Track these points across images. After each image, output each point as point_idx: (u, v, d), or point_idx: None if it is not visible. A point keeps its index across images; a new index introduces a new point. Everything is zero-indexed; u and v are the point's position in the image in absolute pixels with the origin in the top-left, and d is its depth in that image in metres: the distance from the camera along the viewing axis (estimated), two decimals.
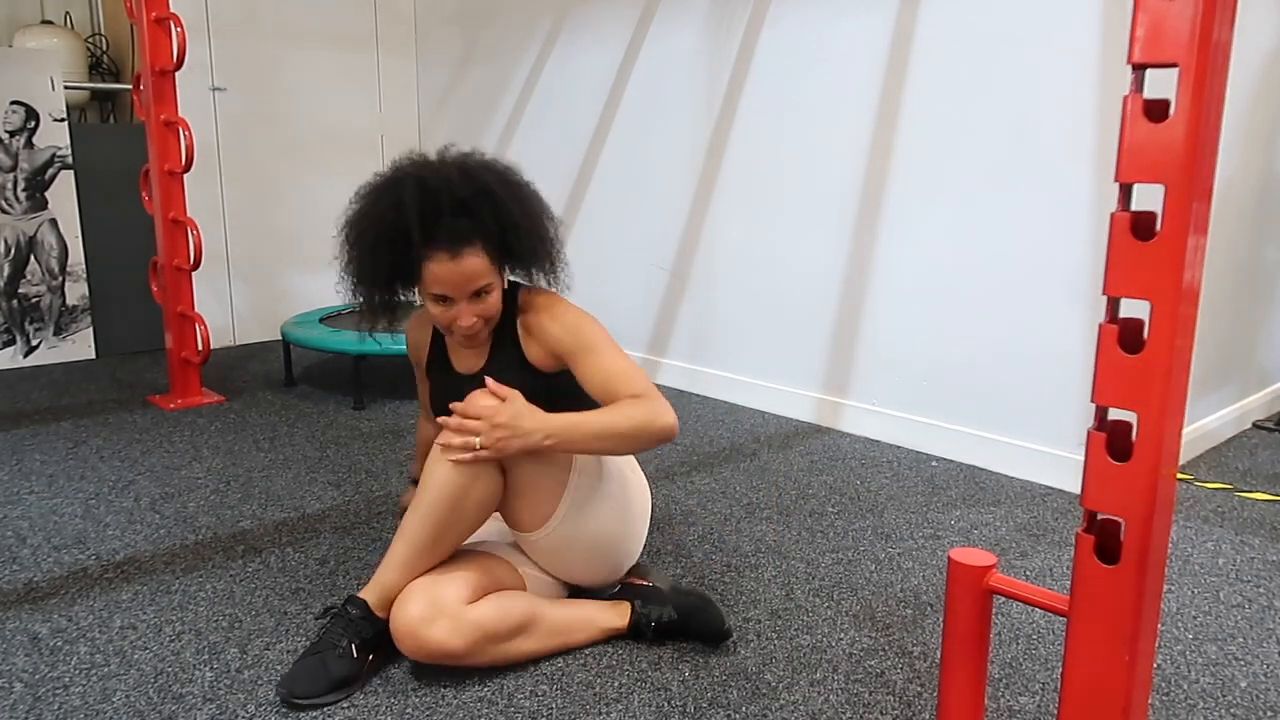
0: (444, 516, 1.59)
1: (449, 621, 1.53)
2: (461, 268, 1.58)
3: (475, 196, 1.60)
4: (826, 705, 1.54)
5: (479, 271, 1.60)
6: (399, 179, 1.62)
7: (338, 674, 1.54)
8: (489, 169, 1.67)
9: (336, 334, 3.39)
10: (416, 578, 1.59)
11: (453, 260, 1.58)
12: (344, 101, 4.53)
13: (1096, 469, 1.06)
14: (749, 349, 3.35)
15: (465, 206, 1.59)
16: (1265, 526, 2.31)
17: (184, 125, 3.15)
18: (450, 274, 1.59)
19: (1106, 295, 1.04)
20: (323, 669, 1.54)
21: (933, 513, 2.38)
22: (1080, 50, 2.38)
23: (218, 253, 4.18)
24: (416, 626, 1.52)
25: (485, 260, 1.61)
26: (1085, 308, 2.46)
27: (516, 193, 1.67)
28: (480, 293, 1.63)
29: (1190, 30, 0.95)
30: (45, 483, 2.54)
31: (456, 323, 1.64)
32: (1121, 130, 1.00)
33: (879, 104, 2.84)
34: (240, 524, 2.28)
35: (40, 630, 1.77)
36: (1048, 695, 1.58)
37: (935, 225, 2.75)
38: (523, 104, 4.13)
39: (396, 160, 1.68)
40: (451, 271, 1.58)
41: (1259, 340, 3.13)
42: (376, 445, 2.88)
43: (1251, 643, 1.76)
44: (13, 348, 3.83)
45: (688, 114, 3.41)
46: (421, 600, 1.54)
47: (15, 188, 3.76)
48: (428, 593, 1.55)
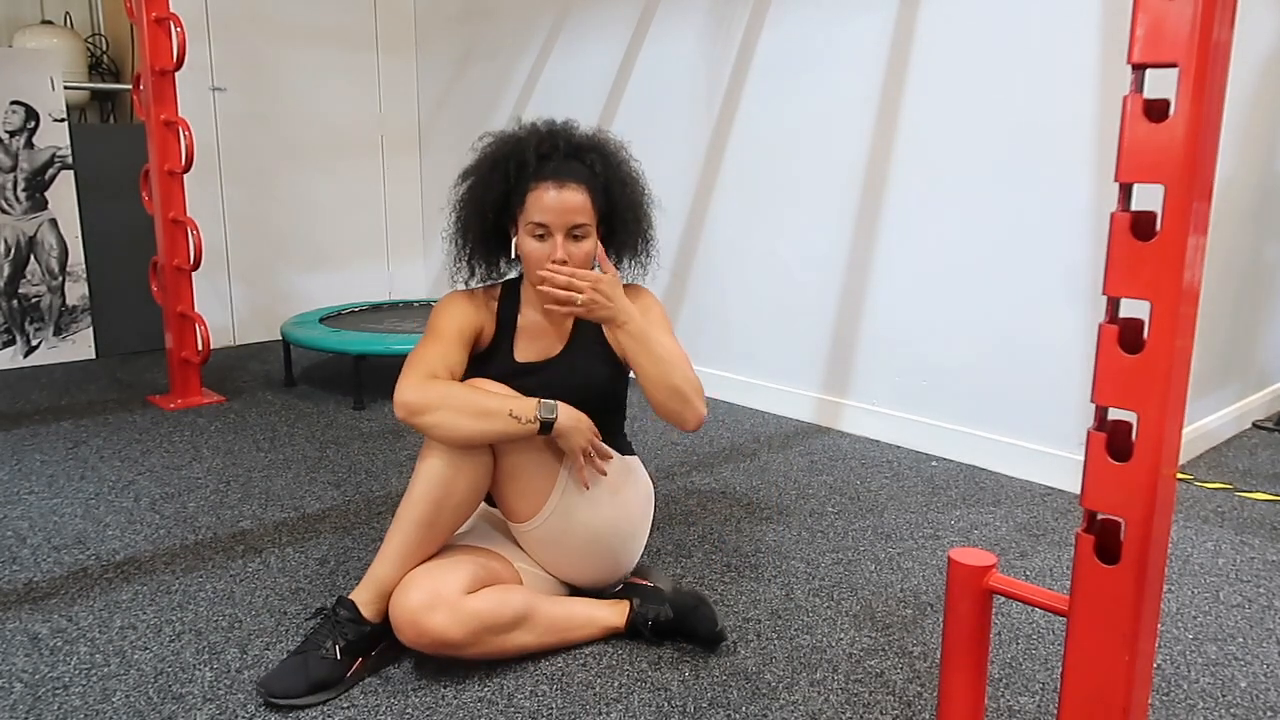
0: (437, 502, 1.60)
1: (448, 609, 1.53)
2: (564, 197, 1.66)
3: (588, 148, 1.74)
4: (826, 705, 1.54)
5: (579, 207, 1.67)
6: (522, 127, 1.77)
7: (317, 676, 1.54)
8: (607, 138, 1.80)
9: (336, 334, 3.39)
10: (412, 569, 1.60)
11: (558, 189, 1.66)
12: (344, 102, 4.53)
13: (1096, 469, 1.06)
14: (749, 349, 3.35)
15: (578, 152, 1.72)
16: (1265, 526, 2.31)
17: (184, 125, 3.15)
18: (554, 201, 1.66)
19: (1106, 295, 1.04)
20: (303, 670, 1.54)
21: (933, 513, 2.38)
22: (1080, 50, 2.38)
23: (218, 253, 4.18)
24: (417, 614, 1.52)
25: (588, 201, 1.69)
26: (1085, 307, 2.46)
27: (627, 164, 1.80)
28: (576, 233, 1.68)
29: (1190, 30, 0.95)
30: (45, 483, 2.54)
31: (550, 257, 1.66)
32: (1121, 130, 1.00)
33: (879, 104, 2.84)
34: (240, 524, 2.28)
35: (40, 630, 1.77)
36: (1048, 695, 1.58)
37: (935, 225, 2.75)
38: (523, 104, 4.13)
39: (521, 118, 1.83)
40: (555, 199, 1.66)
41: (1259, 340, 3.13)
42: (376, 445, 2.88)
43: (1251, 643, 1.76)
44: (13, 348, 3.84)
45: (688, 114, 3.41)
46: (422, 589, 1.54)
47: (15, 188, 3.76)
48: (428, 581, 1.56)
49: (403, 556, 1.60)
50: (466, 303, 1.80)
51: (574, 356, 1.80)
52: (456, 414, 1.57)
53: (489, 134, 1.80)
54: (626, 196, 1.77)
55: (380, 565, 1.61)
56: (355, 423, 3.12)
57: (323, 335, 3.39)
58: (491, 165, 1.74)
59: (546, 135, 1.72)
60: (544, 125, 1.76)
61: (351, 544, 2.16)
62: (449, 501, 1.61)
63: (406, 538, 1.60)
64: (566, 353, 1.80)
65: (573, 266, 1.67)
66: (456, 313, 1.77)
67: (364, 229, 4.71)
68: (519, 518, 1.72)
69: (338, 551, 2.12)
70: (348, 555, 2.10)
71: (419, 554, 1.61)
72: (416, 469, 1.63)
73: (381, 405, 3.32)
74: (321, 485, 2.54)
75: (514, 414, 1.59)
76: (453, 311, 1.77)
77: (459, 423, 1.57)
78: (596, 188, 1.71)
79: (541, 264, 1.67)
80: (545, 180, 1.67)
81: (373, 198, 4.72)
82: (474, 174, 1.78)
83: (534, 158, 1.69)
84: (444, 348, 1.70)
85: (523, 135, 1.74)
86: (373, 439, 2.94)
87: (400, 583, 1.58)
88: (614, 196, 1.75)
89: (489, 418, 1.58)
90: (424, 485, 1.60)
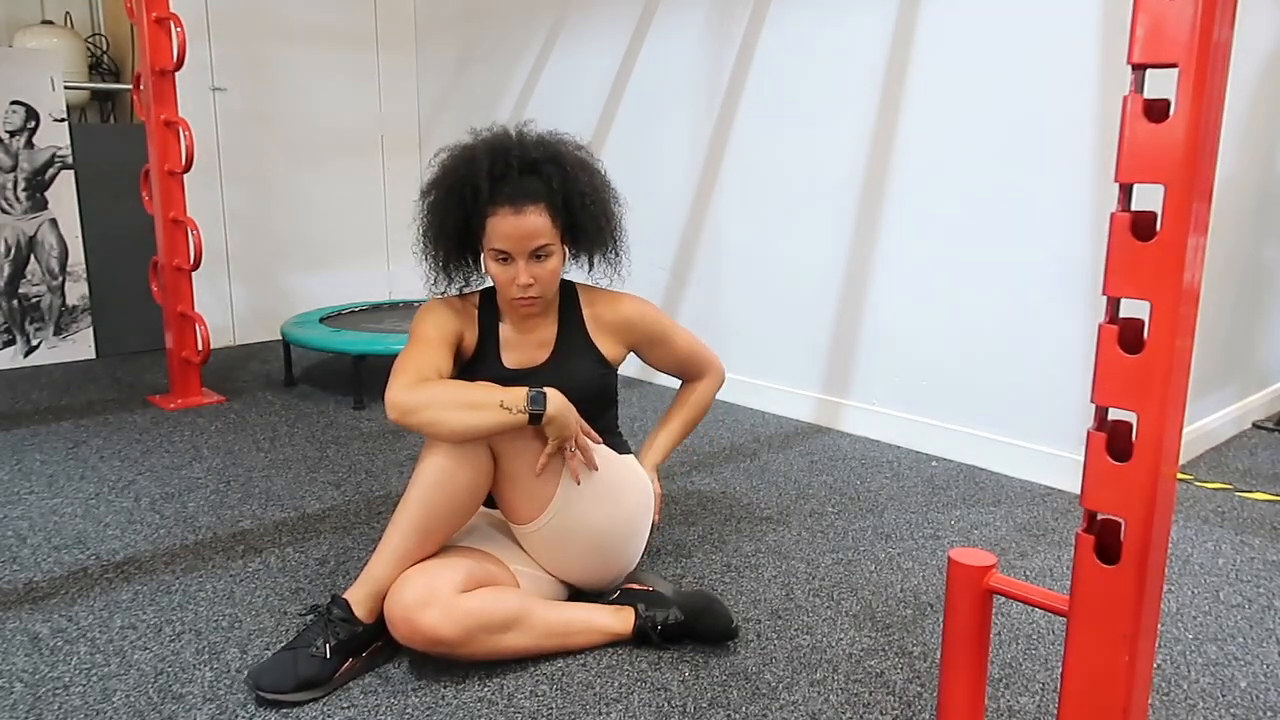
0: (434, 503, 1.60)
1: (442, 608, 1.53)
2: (523, 223, 1.64)
3: (544, 161, 1.69)
4: (826, 705, 1.54)
5: (539, 229, 1.66)
6: (475, 142, 1.73)
7: (305, 673, 1.54)
8: (563, 142, 1.75)
9: (336, 334, 3.39)
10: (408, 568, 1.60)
11: (516, 215, 1.64)
12: (344, 101, 4.53)
13: (1096, 469, 1.06)
14: (749, 349, 3.35)
15: (534, 168, 1.68)
16: (1265, 526, 2.31)
17: (184, 125, 3.15)
18: (512, 228, 1.64)
19: (1106, 295, 1.04)
20: (292, 666, 1.54)
21: (933, 513, 2.38)
22: (1080, 50, 2.38)
23: (218, 253, 4.18)
24: (410, 611, 1.52)
25: (548, 221, 1.67)
26: (1085, 308, 2.46)
27: (585, 167, 1.75)
28: (540, 254, 1.68)
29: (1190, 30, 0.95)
30: (45, 483, 2.54)
31: (515, 282, 1.68)
32: (1121, 130, 1.00)
33: (879, 104, 2.84)
34: (240, 524, 2.28)
35: (40, 630, 1.77)
36: (1048, 695, 1.58)
37: (935, 225, 2.75)
38: (523, 104, 4.13)
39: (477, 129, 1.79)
40: (514, 226, 1.64)
41: (1259, 340, 3.13)
42: (376, 445, 2.88)
43: (1251, 643, 1.76)
44: (13, 348, 3.84)
45: (688, 114, 3.41)
46: (416, 586, 1.54)
47: (15, 188, 3.76)
48: (422, 579, 1.56)
49: (399, 557, 1.60)
50: (447, 309, 1.81)
51: (561, 360, 1.81)
52: (447, 409, 1.57)
53: (444, 149, 1.77)
54: (587, 206, 1.73)
55: (376, 565, 1.61)
56: (355, 423, 3.12)
57: (323, 335, 3.39)
58: (447, 191, 1.72)
59: (500, 152, 1.68)
60: (498, 139, 1.72)
61: (351, 544, 2.16)
62: (448, 503, 1.61)
63: (404, 539, 1.60)
64: (554, 358, 1.81)
65: (540, 287, 1.70)
66: (439, 319, 1.78)
67: (364, 229, 4.71)
68: (522, 519, 1.72)
69: (338, 551, 2.12)
70: (348, 555, 2.10)
71: (416, 555, 1.61)
72: (416, 470, 1.63)
73: (381, 405, 3.32)
74: (321, 485, 2.54)
75: (504, 404, 1.58)
76: (434, 318, 1.78)
77: (451, 417, 1.56)
78: (556, 203, 1.69)
79: (508, 287, 1.70)
80: (502, 205, 1.65)
81: (373, 198, 4.72)
82: (432, 194, 1.76)
83: (487, 183, 1.66)
84: (430, 352, 1.71)
85: (476, 154, 1.69)
86: (373, 439, 2.94)
87: (395, 580, 1.58)
88: (574, 207, 1.72)
89: (480, 409, 1.58)
90: (422, 487, 1.60)
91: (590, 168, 1.76)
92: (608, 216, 1.78)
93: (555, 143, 1.74)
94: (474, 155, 1.69)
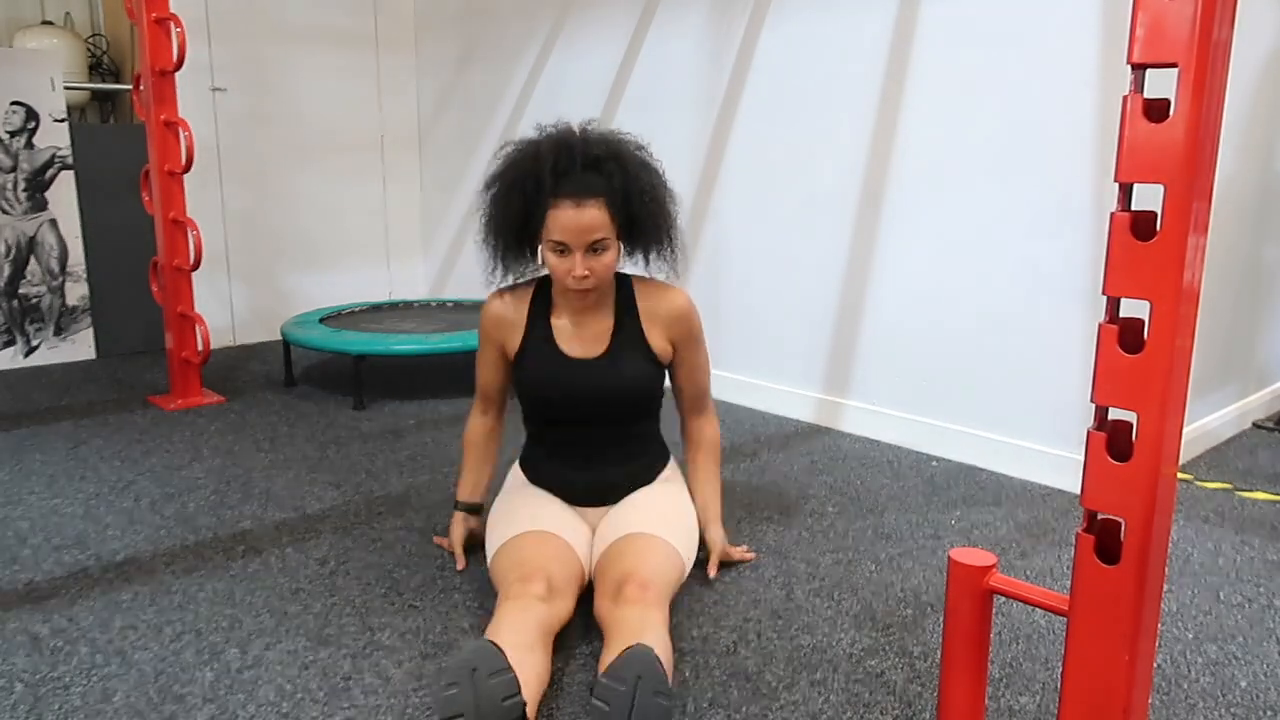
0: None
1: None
2: (582, 216, 1.69)
3: (606, 158, 1.74)
4: (826, 705, 1.54)
5: (598, 223, 1.70)
6: (540, 137, 1.78)
7: None
8: (625, 141, 1.80)
9: (336, 334, 3.39)
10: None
11: (576, 208, 1.69)
12: (344, 101, 4.53)
13: (1096, 469, 1.06)
14: (749, 349, 3.35)
15: (596, 164, 1.73)
16: (1265, 526, 2.31)
17: (184, 125, 3.15)
18: (572, 221, 1.69)
19: (1106, 295, 1.04)
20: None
21: (933, 513, 2.38)
22: (1080, 50, 2.38)
23: (218, 253, 4.18)
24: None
25: (606, 216, 1.71)
26: (1085, 308, 2.46)
27: (646, 166, 1.80)
28: (596, 247, 1.72)
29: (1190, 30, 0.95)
30: (45, 483, 2.54)
31: (571, 273, 1.72)
32: (1121, 130, 1.00)
33: (879, 104, 2.84)
34: (240, 524, 2.28)
35: (40, 630, 1.77)
36: (1048, 695, 1.58)
37: (935, 225, 2.75)
38: (523, 104, 4.13)
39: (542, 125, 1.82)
40: (573, 219, 1.69)
41: (1259, 340, 3.13)
42: (376, 445, 2.88)
43: (1251, 643, 1.76)
44: (13, 348, 3.84)
45: (688, 114, 3.41)
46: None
47: (15, 188, 3.76)
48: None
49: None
50: (497, 307, 1.91)
51: (618, 357, 1.86)
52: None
53: (509, 143, 1.81)
54: (646, 203, 1.78)
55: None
56: (355, 423, 3.12)
57: (323, 335, 3.39)
58: (510, 184, 1.76)
59: (564, 148, 1.73)
60: (562, 135, 1.76)
61: (351, 544, 2.16)
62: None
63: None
64: (610, 353, 1.86)
65: (594, 279, 1.75)
66: (488, 318, 1.92)
67: (364, 229, 4.71)
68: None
69: (338, 551, 2.12)
70: (348, 555, 2.10)
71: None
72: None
73: (381, 405, 3.32)
74: (321, 485, 2.54)
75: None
76: (485, 319, 1.92)
77: None
78: (615, 199, 1.73)
79: (564, 278, 1.75)
80: (563, 198, 1.69)
81: (373, 198, 4.72)
82: (496, 186, 1.81)
83: (550, 176, 1.70)
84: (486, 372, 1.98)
85: (540, 148, 1.74)
86: (373, 439, 2.94)
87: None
88: (633, 204, 1.77)
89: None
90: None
91: (650, 167, 1.81)
92: (665, 215, 1.83)
93: (617, 141, 1.79)
94: (539, 149, 1.74)
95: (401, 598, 1.90)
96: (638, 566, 1.67)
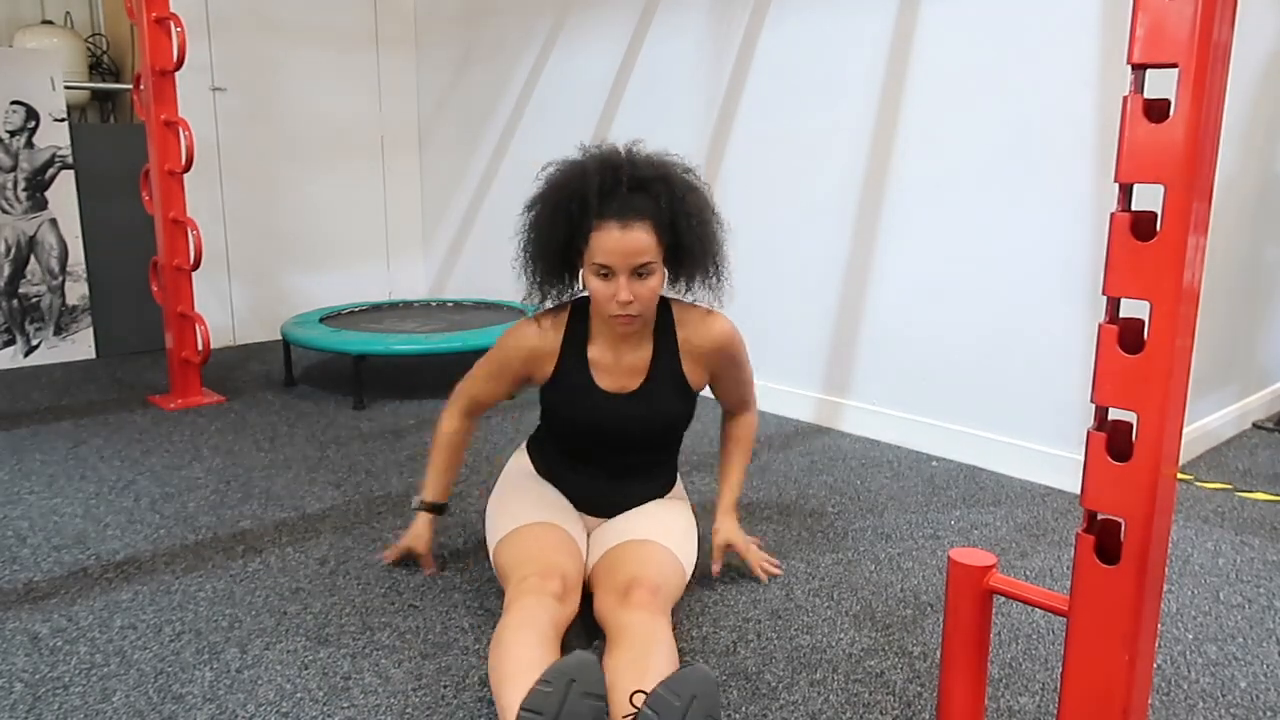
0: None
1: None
2: (628, 239, 1.62)
3: (653, 180, 1.67)
4: (826, 705, 1.54)
5: (643, 247, 1.63)
6: (586, 157, 1.72)
7: None
8: (672, 164, 1.73)
9: (336, 334, 3.39)
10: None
11: (621, 230, 1.62)
12: (344, 101, 4.53)
13: (1096, 469, 1.06)
14: (749, 348, 3.34)
15: (643, 185, 1.66)
16: (1265, 526, 2.31)
17: (184, 125, 3.15)
18: (617, 243, 1.62)
19: (1106, 295, 1.04)
20: None
21: (933, 513, 2.37)
22: (1080, 50, 2.38)
23: (218, 253, 4.18)
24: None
25: (652, 239, 1.65)
26: (1085, 308, 2.46)
27: (693, 190, 1.73)
28: (642, 271, 1.65)
29: (1190, 30, 0.94)
30: (45, 483, 2.54)
31: (615, 299, 1.65)
32: (1121, 130, 1.00)
33: (879, 104, 2.84)
34: (240, 524, 2.27)
35: (40, 630, 1.77)
36: (1048, 695, 1.58)
37: (935, 225, 2.75)
38: (523, 104, 4.13)
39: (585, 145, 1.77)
40: (619, 241, 1.62)
41: (1259, 340, 3.13)
42: (376, 445, 2.88)
43: (1251, 643, 1.76)
44: (13, 348, 3.83)
45: (688, 114, 3.41)
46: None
47: (15, 188, 3.76)
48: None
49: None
50: (531, 337, 1.81)
51: (653, 391, 1.81)
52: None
53: (552, 163, 1.75)
54: (693, 228, 1.71)
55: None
56: (355, 423, 3.12)
57: (323, 335, 3.39)
58: (554, 205, 1.69)
59: (610, 169, 1.66)
60: (608, 156, 1.70)
61: (351, 544, 2.16)
62: None
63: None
64: (645, 386, 1.81)
65: (639, 305, 1.67)
66: (517, 347, 1.83)
67: (364, 229, 4.71)
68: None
69: (338, 551, 2.12)
70: (348, 555, 2.10)
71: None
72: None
73: (381, 405, 3.32)
74: (321, 485, 2.54)
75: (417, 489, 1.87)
76: (513, 346, 1.83)
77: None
78: (662, 222, 1.66)
79: (607, 303, 1.67)
80: (608, 220, 1.63)
81: (373, 198, 4.72)
82: (538, 207, 1.73)
83: (596, 196, 1.63)
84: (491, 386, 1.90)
85: (586, 168, 1.68)
86: (373, 439, 2.94)
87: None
88: (680, 229, 1.69)
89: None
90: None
91: (698, 190, 1.74)
92: (712, 239, 1.75)
93: (665, 163, 1.72)
94: (584, 170, 1.67)
95: (401, 598, 1.90)
96: (645, 570, 1.66)
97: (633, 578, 1.64)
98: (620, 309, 1.66)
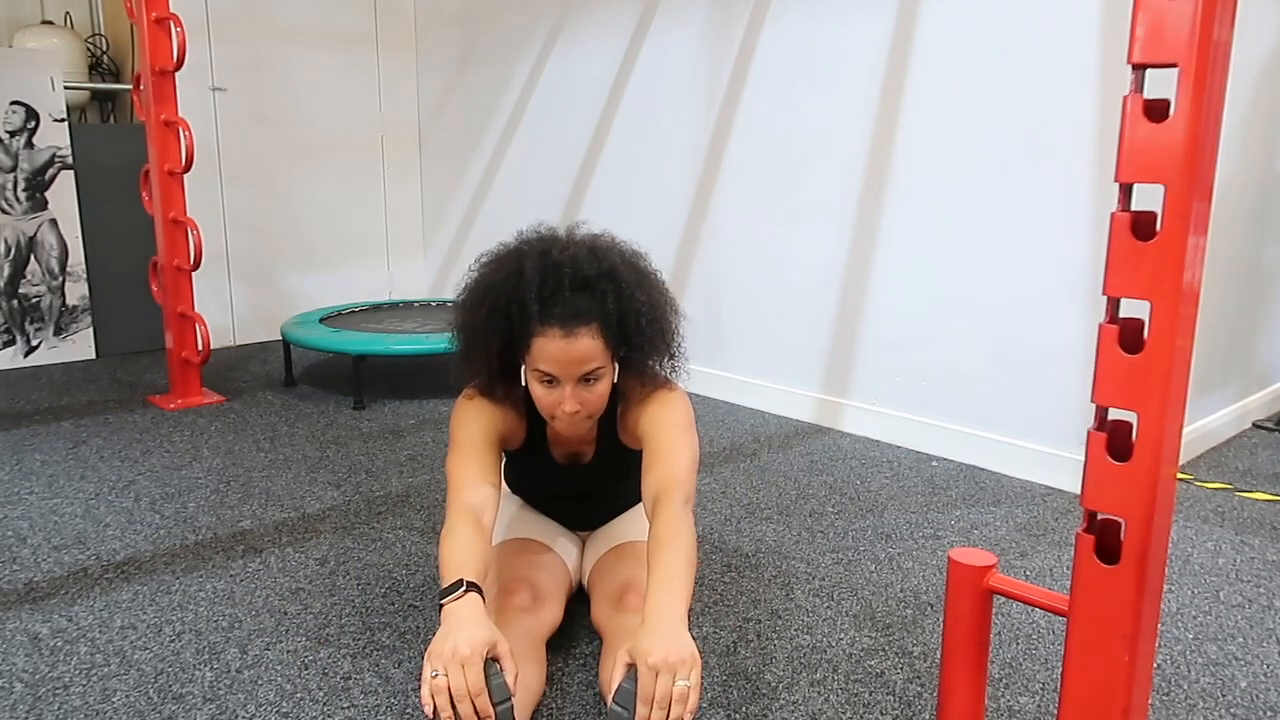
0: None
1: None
2: (574, 347, 1.48)
3: (599, 276, 1.51)
4: (826, 705, 1.54)
5: (590, 354, 1.49)
6: (523, 250, 1.55)
7: None
8: (616, 251, 1.58)
9: (336, 334, 3.39)
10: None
11: (566, 338, 1.47)
12: (344, 101, 4.53)
13: (1096, 469, 1.06)
14: (749, 349, 3.35)
15: (586, 285, 1.51)
16: (1265, 526, 2.31)
17: (184, 125, 3.15)
18: (561, 352, 1.47)
19: (1106, 295, 1.04)
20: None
21: (933, 513, 2.38)
22: (1080, 50, 2.38)
23: (218, 253, 4.18)
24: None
25: (600, 344, 1.50)
26: (1085, 308, 2.46)
27: (642, 279, 1.58)
28: (589, 378, 1.52)
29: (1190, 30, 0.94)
30: (45, 483, 2.54)
31: (560, 407, 1.52)
32: (1121, 130, 1.00)
33: (879, 104, 2.84)
34: (240, 524, 2.28)
35: (40, 630, 1.77)
36: (1048, 695, 1.58)
37: (935, 225, 2.75)
38: (523, 104, 4.13)
39: (523, 232, 1.61)
40: (563, 350, 1.47)
41: (1259, 340, 3.13)
42: (376, 445, 2.88)
43: (1251, 643, 1.76)
44: (13, 348, 3.83)
45: (688, 114, 3.41)
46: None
47: (15, 188, 3.76)
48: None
49: None
50: (486, 407, 1.64)
51: (606, 457, 1.73)
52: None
53: (486, 254, 1.60)
54: (643, 327, 1.55)
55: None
56: (355, 423, 3.12)
57: (323, 335, 3.39)
58: (490, 308, 1.53)
59: (552, 267, 1.49)
60: (546, 249, 1.53)
61: (351, 544, 2.16)
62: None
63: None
64: (599, 455, 1.74)
65: (586, 411, 1.54)
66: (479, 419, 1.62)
67: (364, 229, 4.71)
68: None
69: (338, 551, 2.12)
70: (348, 555, 2.10)
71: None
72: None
73: (381, 405, 3.32)
74: (321, 485, 2.54)
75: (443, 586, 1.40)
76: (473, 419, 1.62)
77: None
78: (610, 324, 1.51)
79: (552, 410, 1.54)
80: (551, 326, 1.47)
81: (373, 198, 4.72)
82: (472, 308, 1.58)
83: (537, 301, 1.47)
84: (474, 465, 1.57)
85: (524, 267, 1.51)
86: (373, 439, 2.94)
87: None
88: (629, 328, 1.55)
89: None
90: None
91: (648, 281, 1.59)
92: (664, 334, 1.60)
93: (609, 250, 1.57)
94: (522, 269, 1.51)
95: (401, 598, 1.90)
96: (637, 573, 1.65)
97: (626, 582, 1.64)
98: (566, 418, 1.54)
